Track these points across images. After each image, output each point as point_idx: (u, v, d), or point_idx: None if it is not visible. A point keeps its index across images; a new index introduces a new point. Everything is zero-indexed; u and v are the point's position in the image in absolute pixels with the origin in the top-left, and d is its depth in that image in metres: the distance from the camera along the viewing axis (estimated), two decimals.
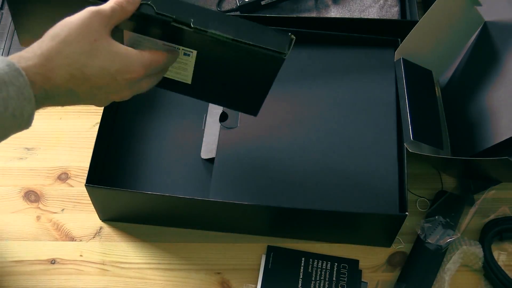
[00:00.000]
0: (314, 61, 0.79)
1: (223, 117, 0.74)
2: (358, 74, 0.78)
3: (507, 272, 0.70)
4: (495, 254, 0.73)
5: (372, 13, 0.88)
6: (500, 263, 0.72)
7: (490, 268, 0.71)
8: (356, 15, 0.88)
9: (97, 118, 0.75)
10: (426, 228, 0.72)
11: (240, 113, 0.74)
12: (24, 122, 0.47)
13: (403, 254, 0.74)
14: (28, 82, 0.46)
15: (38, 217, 0.77)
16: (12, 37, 0.90)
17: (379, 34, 0.80)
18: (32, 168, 0.81)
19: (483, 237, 0.73)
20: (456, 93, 0.79)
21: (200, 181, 0.72)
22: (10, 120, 0.45)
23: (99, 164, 0.73)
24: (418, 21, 0.74)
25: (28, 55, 0.48)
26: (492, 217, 0.75)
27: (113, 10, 0.51)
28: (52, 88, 0.48)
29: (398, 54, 0.76)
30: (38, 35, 0.50)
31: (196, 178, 0.73)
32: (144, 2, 0.52)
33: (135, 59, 0.51)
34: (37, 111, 0.49)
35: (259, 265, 0.72)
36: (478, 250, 0.71)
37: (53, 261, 0.74)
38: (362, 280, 0.71)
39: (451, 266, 0.71)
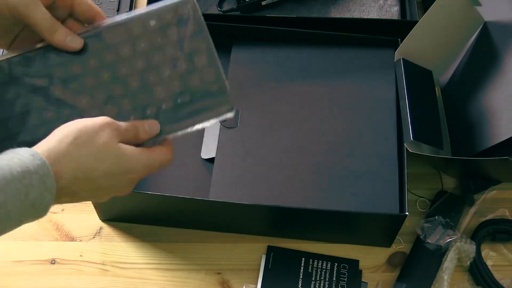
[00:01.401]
0: (314, 61, 0.79)
1: None
2: (358, 74, 0.78)
3: (493, 272, 0.71)
4: (485, 253, 0.73)
5: (372, 13, 0.88)
6: (488, 262, 0.72)
7: (475, 265, 0.71)
8: (356, 15, 0.88)
9: None
10: (426, 228, 0.72)
11: (240, 113, 0.75)
12: (41, 212, 0.45)
13: (403, 254, 0.74)
14: (52, 172, 0.44)
15: None
16: None
17: (379, 34, 0.80)
18: None
19: (475, 235, 0.73)
20: (456, 93, 0.79)
21: (200, 181, 0.72)
22: (28, 209, 0.44)
23: None
24: (418, 21, 0.74)
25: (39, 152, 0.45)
26: (489, 217, 0.75)
27: (127, 130, 0.50)
28: (58, 190, 0.46)
29: (398, 54, 0.76)
30: None
31: (196, 178, 0.73)
32: None
33: (140, 160, 0.49)
34: None
35: (259, 265, 0.72)
36: (471, 248, 0.71)
37: (53, 261, 0.74)
38: (362, 280, 0.71)
39: (448, 265, 0.71)
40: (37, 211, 0.44)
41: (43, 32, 0.49)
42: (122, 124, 0.49)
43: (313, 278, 0.71)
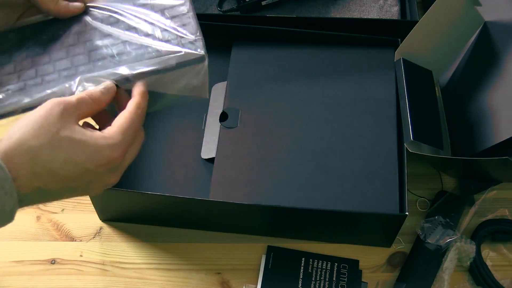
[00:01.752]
0: (314, 61, 0.79)
1: (223, 117, 0.74)
2: (358, 74, 0.78)
3: (493, 272, 0.71)
4: (485, 253, 0.73)
5: (372, 13, 0.88)
6: (488, 262, 0.72)
7: (475, 265, 0.71)
8: (356, 15, 0.88)
9: None
10: (426, 228, 0.72)
11: (240, 113, 0.75)
12: (5, 217, 0.43)
13: (403, 254, 0.74)
14: (10, 176, 0.42)
15: (38, 217, 0.77)
16: None
17: (379, 34, 0.80)
18: None
19: (475, 235, 0.73)
20: (456, 93, 0.79)
21: (200, 181, 0.72)
22: None
23: None
24: (418, 21, 0.74)
25: None
26: (489, 217, 0.75)
27: (80, 101, 0.48)
28: (19, 189, 0.43)
29: (398, 54, 0.76)
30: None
31: (196, 178, 0.73)
32: None
33: (103, 144, 0.46)
34: None
35: (259, 265, 0.72)
36: (471, 248, 0.71)
37: (53, 261, 0.74)
38: (362, 280, 0.71)
39: (449, 265, 0.71)
40: (1, 217, 0.43)
41: (48, 3, 0.55)
42: (73, 97, 0.48)
43: (313, 278, 0.71)
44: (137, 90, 0.51)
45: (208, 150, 0.73)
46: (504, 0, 0.75)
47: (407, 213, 0.65)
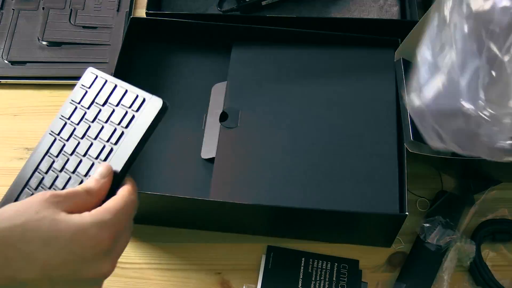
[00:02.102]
0: (314, 61, 0.79)
1: (223, 117, 0.74)
2: (358, 74, 0.78)
3: (493, 272, 0.71)
4: (485, 253, 0.73)
5: (372, 13, 0.88)
6: (488, 262, 0.72)
7: (475, 265, 0.71)
8: (356, 15, 0.88)
9: None
10: (426, 228, 0.72)
11: (240, 113, 0.75)
12: None
13: (403, 254, 0.74)
14: None
15: None
16: (12, 37, 0.90)
17: (379, 34, 0.80)
18: None
19: (475, 235, 0.73)
20: None
21: (200, 181, 0.72)
22: None
23: None
24: (418, 21, 0.74)
25: None
26: (489, 217, 0.75)
27: (71, 193, 0.42)
28: None
29: (398, 54, 0.76)
30: None
31: (196, 178, 0.73)
32: None
33: (89, 221, 0.40)
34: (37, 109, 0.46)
35: (259, 265, 0.72)
36: (470, 248, 0.71)
37: None
38: (362, 280, 0.71)
39: (449, 264, 0.71)
40: None
41: None
42: (63, 191, 0.42)
43: (313, 278, 0.71)
44: (129, 179, 0.48)
45: (208, 150, 0.73)
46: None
47: (407, 213, 0.65)
